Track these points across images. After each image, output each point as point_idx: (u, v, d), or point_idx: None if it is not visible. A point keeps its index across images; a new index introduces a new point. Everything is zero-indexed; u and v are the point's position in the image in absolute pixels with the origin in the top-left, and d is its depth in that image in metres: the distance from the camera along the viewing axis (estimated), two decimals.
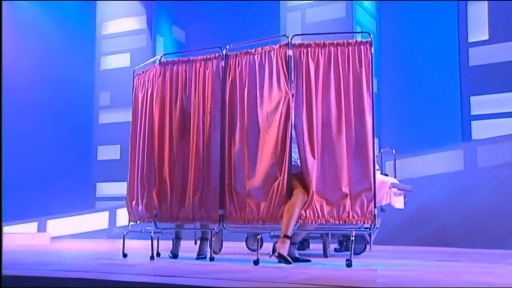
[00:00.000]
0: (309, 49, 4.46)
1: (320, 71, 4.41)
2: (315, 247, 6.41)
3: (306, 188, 4.29)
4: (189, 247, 5.54)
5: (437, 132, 10.19)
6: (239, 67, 4.72)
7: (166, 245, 5.29)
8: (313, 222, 4.32)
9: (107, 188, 13.12)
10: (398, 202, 5.37)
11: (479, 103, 9.80)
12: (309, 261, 4.69)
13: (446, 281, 3.15)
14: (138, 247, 5.78)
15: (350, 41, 4.43)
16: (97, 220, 11.35)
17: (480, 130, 9.62)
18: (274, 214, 4.39)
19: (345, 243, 6.09)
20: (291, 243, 4.70)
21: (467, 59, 10.03)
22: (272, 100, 4.49)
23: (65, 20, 13.36)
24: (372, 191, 4.21)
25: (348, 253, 5.77)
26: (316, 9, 11.53)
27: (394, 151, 6.02)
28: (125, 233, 5.19)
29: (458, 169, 8.14)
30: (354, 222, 4.27)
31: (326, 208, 4.30)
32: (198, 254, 5.14)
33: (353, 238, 4.19)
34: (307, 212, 4.29)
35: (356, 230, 4.41)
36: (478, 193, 7.75)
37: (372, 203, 4.21)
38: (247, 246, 6.33)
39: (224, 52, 4.78)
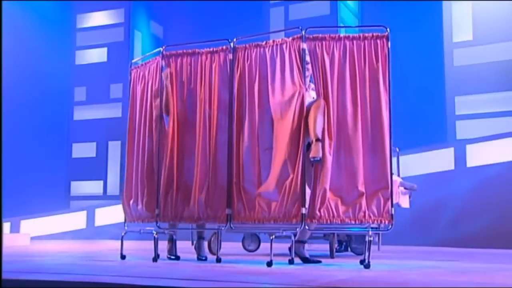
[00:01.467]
0: (323, 42, 4.30)
1: (335, 65, 4.26)
2: (314, 247, 6.26)
3: None
4: (183, 247, 5.28)
5: (422, 132, 10.20)
6: (248, 60, 4.53)
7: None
8: (328, 222, 4.16)
9: (82, 187, 12.69)
10: (404, 201, 5.29)
11: (464, 103, 9.86)
12: (319, 262, 4.54)
13: (484, 283, 3.04)
14: (132, 247, 5.54)
15: (366, 35, 4.29)
16: (74, 220, 10.96)
17: (465, 130, 9.67)
18: (287, 213, 4.20)
19: (345, 243, 5.97)
20: (300, 242, 4.54)
21: (451, 59, 10.08)
22: (285, 94, 4.31)
23: (39, 12, 12.86)
24: (389, 190, 4.08)
25: (350, 253, 5.75)
26: (300, 6, 11.39)
27: (397, 149, 5.92)
28: (123, 234, 4.95)
29: (448, 169, 8.13)
30: (371, 222, 4.14)
31: (341, 208, 4.14)
32: (199, 255, 4.92)
33: (371, 238, 4.05)
34: (321, 211, 4.13)
35: (372, 230, 4.27)
36: (468, 192, 7.76)
37: (389, 202, 4.08)
38: (244, 247, 6.17)
39: (232, 44, 4.58)
